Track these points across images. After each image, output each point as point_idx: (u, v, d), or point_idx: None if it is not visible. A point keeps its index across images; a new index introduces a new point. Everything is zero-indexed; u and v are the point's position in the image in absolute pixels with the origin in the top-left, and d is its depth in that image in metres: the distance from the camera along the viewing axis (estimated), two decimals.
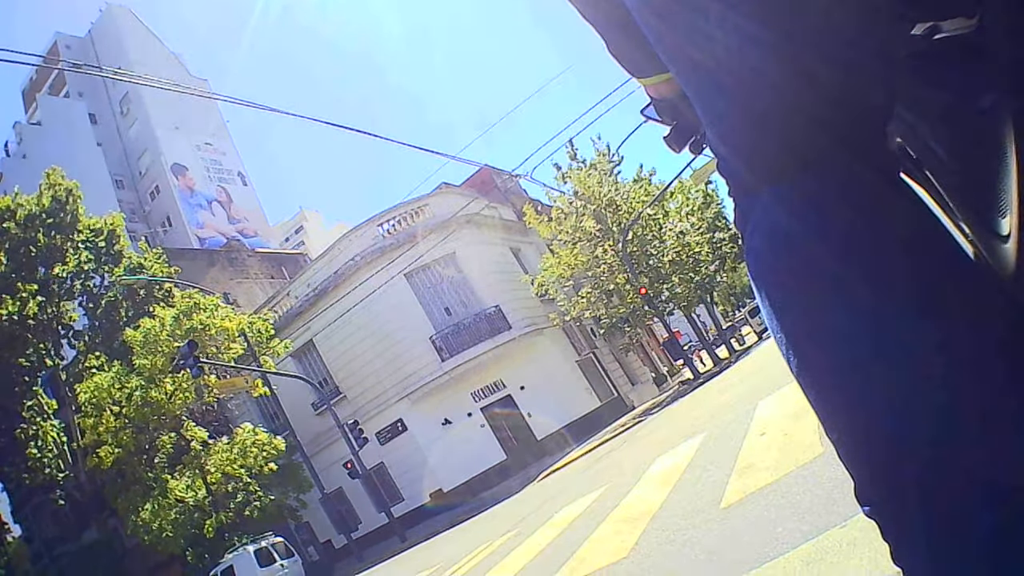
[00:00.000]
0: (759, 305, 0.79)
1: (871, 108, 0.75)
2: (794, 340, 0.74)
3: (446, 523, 19.69)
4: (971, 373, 0.65)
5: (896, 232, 0.71)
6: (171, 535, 21.77)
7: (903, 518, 0.69)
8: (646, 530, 4.54)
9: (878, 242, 0.70)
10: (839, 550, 2.50)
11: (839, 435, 0.73)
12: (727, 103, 0.76)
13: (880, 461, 0.69)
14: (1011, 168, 0.63)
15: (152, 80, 18.50)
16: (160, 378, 21.88)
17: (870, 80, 0.73)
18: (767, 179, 0.76)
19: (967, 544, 0.63)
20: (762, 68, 0.71)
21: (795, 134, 0.73)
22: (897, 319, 0.67)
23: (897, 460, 0.67)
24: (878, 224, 0.71)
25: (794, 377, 0.76)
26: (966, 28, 0.70)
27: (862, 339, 0.68)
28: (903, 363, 0.66)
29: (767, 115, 0.73)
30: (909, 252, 0.70)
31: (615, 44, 1.01)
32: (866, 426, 0.69)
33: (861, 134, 0.74)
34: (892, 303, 0.67)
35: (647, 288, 24.06)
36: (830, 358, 0.71)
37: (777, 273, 0.75)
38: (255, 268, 43.86)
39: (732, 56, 0.72)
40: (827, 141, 0.73)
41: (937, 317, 0.67)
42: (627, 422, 20.96)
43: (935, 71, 0.78)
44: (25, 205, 27.05)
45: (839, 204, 0.72)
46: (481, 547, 9.33)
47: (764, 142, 0.75)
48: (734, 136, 0.78)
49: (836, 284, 0.70)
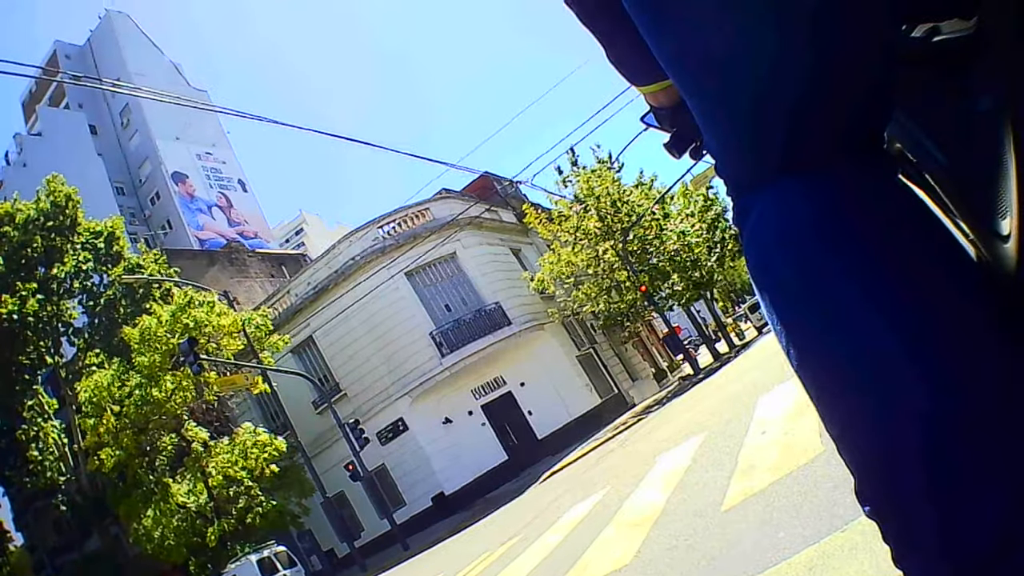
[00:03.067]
0: (759, 301, 0.79)
1: (869, 109, 0.75)
2: (794, 336, 0.74)
3: (449, 529, 19.64)
4: (972, 372, 0.65)
5: (895, 231, 0.71)
6: (173, 543, 21.72)
7: (905, 519, 0.68)
8: (648, 535, 4.53)
9: (877, 241, 0.70)
10: (841, 555, 2.50)
11: (840, 432, 0.73)
12: (723, 104, 0.76)
13: (881, 459, 0.69)
14: (1011, 168, 0.63)
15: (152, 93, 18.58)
16: (160, 376, 21.82)
17: (868, 81, 0.73)
18: (765, 179, 0.76)
19: (970, 546, 0.63)
20: (759, 70, 0.71)
21: (792, 135, 0.73)
22: (897, 317, 0.67)
23: (898, 459, 0.67)
24: (877, 223, 0.71)
25: (794, 373, 0.76)
26: (966, 29, 0.70)
27: (862, 336, 0.68)
28: (903, 360, 0.66)
29: (765, 117, 0.73)
30: (908, 251, 0.70)
31: (615, 52, 1.01)
32: (867, 423, 0.69)
33: (859, 135, 0.75)
34: (892, 301, 0.67)
35: (647, 286, 24.14)
36: (830, 355, 0.71)
37: (776, 270, 0.75)
38: (255, 267, 43.90)
39: (729, 58, 0.72)
40: (825, 142, 0.74)
41: (937, 316, 0.67)
42: (628, 420, 20.94)
43: (935, 72, 0.78)
44: (24, 210, 27.33)
45: (837, 204, 0.73)
46: (484, 554, 9.30)
47: (761, 143, 0.76)
48: (730, 137, 0.78)
49: (835, 282, 0.70)
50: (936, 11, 0.75)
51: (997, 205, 0.69)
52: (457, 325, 26.30)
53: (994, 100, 0.65)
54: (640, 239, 26.10)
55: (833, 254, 0.70)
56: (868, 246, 0.70)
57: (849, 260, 0.70)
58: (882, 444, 0.68)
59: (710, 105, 0.78)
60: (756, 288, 0.79)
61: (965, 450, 0.63)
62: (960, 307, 0.68)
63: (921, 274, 0.69)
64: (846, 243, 0.70)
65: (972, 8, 0.67)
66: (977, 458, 0.63)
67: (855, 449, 0.72)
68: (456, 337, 26.07)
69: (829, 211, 0.72)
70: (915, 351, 0.65)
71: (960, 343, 0.66)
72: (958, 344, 0.66)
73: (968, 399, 0.64)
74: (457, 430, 25.70)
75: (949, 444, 0.63)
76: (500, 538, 10.03)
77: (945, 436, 0.64)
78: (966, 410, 0.64)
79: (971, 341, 0.66)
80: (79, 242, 28.17)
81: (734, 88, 0.73)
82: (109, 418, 21.91)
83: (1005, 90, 0.63)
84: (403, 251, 26.11)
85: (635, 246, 25.77)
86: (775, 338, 0.79)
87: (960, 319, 0.67)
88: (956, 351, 0.65)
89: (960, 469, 0.63)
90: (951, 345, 0.65)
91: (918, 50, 0.78)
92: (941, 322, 0.66)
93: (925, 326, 0.66)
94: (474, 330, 26.34)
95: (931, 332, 0.66)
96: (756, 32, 0.69)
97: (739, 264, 34.59)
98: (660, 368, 39.08)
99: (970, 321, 0.67)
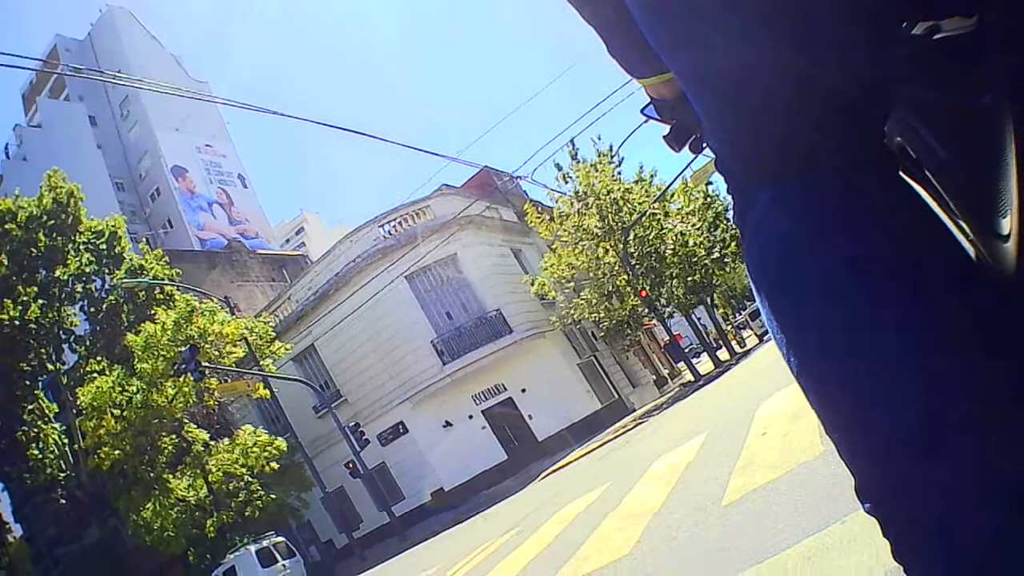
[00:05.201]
0: (759, 305, 0.78)
1: (869, 108, 0.75)
2: (794, 340, 0.73)
3: (447, 522, 19.67)
4: (972, 372, 0.65)
5: (895, 232, 0.71)
6: (172, 535, 21.77)
7: (903, 515, 0.68)
8: (648, 527, 4.54)
9: (877, 242, 0.70)
10: (839, 546, 2.51)
11: (840, 434, 0.73)
12: (724, 102, 0.76)
13: (881, 459, 0.69)
14: (1011, 167, 0.63)
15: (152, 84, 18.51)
16: (161, 382, 21.86)
17: (868, 80, 0.73)
18: (765, 178, 0.76)
19: (968, 542, 0.63)
20: (759, 67, 0.71)
21: (793, 134, 0.73)
22: (897, 319, 0.67)
23: (897, 458, 0.67)
24: (876, 224, 0.71)
25: (794, 377, 0.75)
26: (966, 28, 0.70)
27: (862, 338, 0.68)
28: (903, 362, 0.66)
29: (764, 114, 0.73)
30: (909, 252, 0.70)
31: (615, 45, 1.01)
32: (866, 424, 0.69)
33: (859, 134, 0.75)
34: (892, 303, 0.67)
35: (647, 291, 24.09)
36: (830, 358, 0.71)
37: (776, 273, 0.75)
38: (256, 270, 43.91)
39: (730, 55, 0.72)
40: (825, 141, 0.73)
41: (937, 316, 0.67)
42: (628, 423, 20.96)
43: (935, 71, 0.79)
44: (26, 207, 26.96)
45: (837, 204, 0.72)
46: (483, 545, 9.32)
47: (761, 141, 0.76)
48: (732, 135, 0.79)
49: (835, 284, 0.70)
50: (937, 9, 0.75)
51: (997, 204, 0.69)
52: (458, 333, 26.28)
53: (995, 98, 0.66)
54: (640, 239, 26.05)
55: (832, 255, 0.70)
56: (868, 247, 0.70)
57: (849, 262, 0.69)
58: (882, 445, 0.68)
59: (711, 100, 0.78)
60: (755, 290, 0.78)
61: (965, 450, 0.63)
62: (961, 308, 0.67)
63: (922, 276, 0.68)
64: (846, 244, 0.70)
65: (973, 6, 0.68)
66: (977, 457, 0.63)
67: (855, 450, 0.72)
68: (457, 345, 26.04)
69: (830, 212, 0.72)
70: (915, 353, 0.65)
71: (960, 344, 0.65)
72: (958, 345, 0.65)
73: (968, 399, 0.64)
74: (457, 432, 25.72)
75: (949, 444, 0.63)
76: (499, 530, 10.05)
77: (945, 436, 0.64)
78: (966, 410, 0.64)
79: (971, 342, 0.66)
80: (81, 242, 27.81)
81: (736, 85, 0.73)
82: (109, 420, 21.93)
83: (1006, 88, 0.64)
84: (404, 252, 26.03)
85: (635, 246, 25.72)
86: (776, 346, 0.78)
87: (960, 320, 0.66)
88: (956, 352, 0.65)
89: (960, 468, 0.63)
90: (951, 346, 0.65)
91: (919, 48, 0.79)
92: (941, 323, 0.66)
93: (925, 328, 0.66)
94: (475, 338, 26.31)
95: (931, 334, 0.66)
96: (757, 30, 0.69)
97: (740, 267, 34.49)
98: (661, 375, 38.98)
99: (970, 322, 0.67)
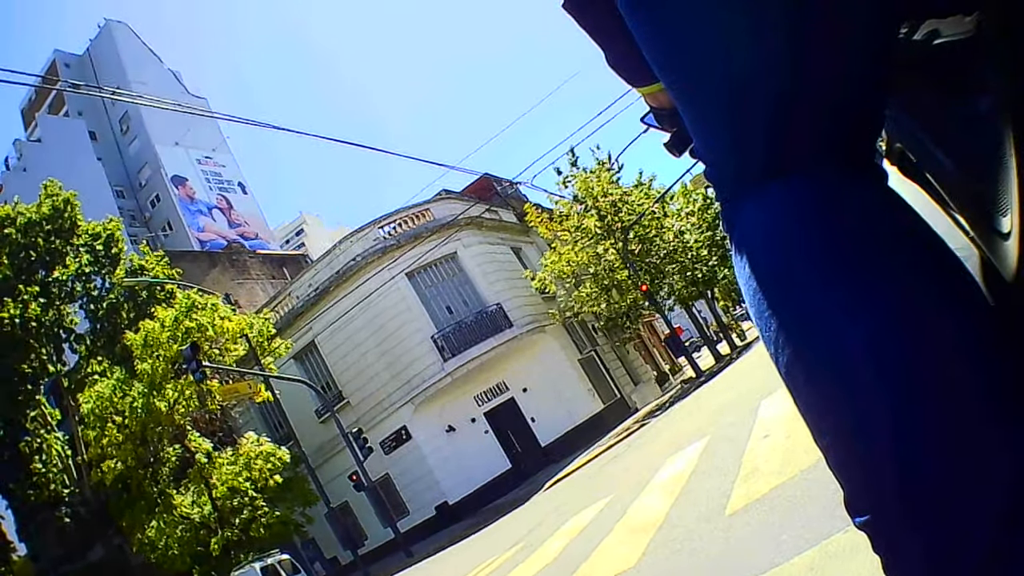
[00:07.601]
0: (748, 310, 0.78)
1: (856, 115, 0.74)
2: (779, 346, 0.73)
3: (452, 537, 19.60)
4: (969, 376, 0.63)
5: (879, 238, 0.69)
6: (177, 553, 21.65)
7: (895, 530, 0.67)
8: (652, 540, 4.52)
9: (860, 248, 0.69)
10: (842, 555, 2.50)
11: (829, 441, 0.72)
12: (709, 109, 0.76)
13: (871, 470, 0.67)
14: (1011, 167, 0.63)
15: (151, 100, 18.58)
16: (162, 384, 21.74)
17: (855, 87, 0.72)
18: (750, 183, 0.76)
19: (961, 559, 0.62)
20: (743, 75, 0.70)
21: (777, 140, 0.73)
22: (880, 325, 0.65)
23: (886, 470, 0.65)
24: (861, 230, 0.70)
25: (782, 380, 0.74)
26: (966, 29, 0.70)
27: (853, 343, 0.66)
28: (896, 367, 0.64)
29: (748, 122, 0.73)
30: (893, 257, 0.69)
31: (613, 54, 1.01)
32: (857, 433, 0.67)
33: (846, 140, 0.74)
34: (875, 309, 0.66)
35: (647, 285, 24.17)
36: (819, 362, 0.69)
37: (764, 277, 0.74)
38: (256, 269, 43.94)
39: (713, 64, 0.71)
40: (811, 147, 0.73)
41: (934, 318, 0.66)
42: (631, 426, 20.90)
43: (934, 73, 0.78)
44: (25, 213, 27.62)
45: (821, 209, 0.72)
46: (488, 560, 9.29)
47: (746, 147, 0.75)
48: (717, 142, 0.78)
49: (816, 289, 0.69)
50: (936, 9, 0.75)
51: (997, 203, 0.69)
52: (459, 328, 26.27)
53: (994, 100, 0.66)
54: (640, 238, 26.16)
55: (815, 261, 0.69)
56: (851, 254, 0.69)
57: (831, 268, 0.68)
58: (869, 456, 0.66)
59: (697, 110, 0.78)
60: (745, 295, 0.77)
61: (954, 460, 0.62)
62: (946, 313, 0.66)
63: (905, 281, 0.67)
64: (828, 250, 0.69)
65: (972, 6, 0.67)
66: (966, 468, 0.62)
67: (842, 461, 0.71)
68: (458, 340, 26.03)
69: (812, 217, 0.71)
70: (900, 360, 0.64)
71: (946, 350, 0.64)
72: (944, 351, 0.64)
73: (965, 404, 0.62)
74: (460, 438, 25.64)
75: (937, 454, 0.62)
76: (504, 545, 10.01)
77: (932, 446, 0.62)
78: (963, 416, 0.62)
79: (958, 347, 0.64)
80: (78, 243, 28.37)
81: (720, 93, 0.73)
82: (111, 429, 21.86)
83: (1005, 90, 0.63)
84: (404, 251, 26.16)
85: (635, 245, 25.83)
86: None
87: (946, 325, 0.65)
88: (942, 358, 0.64)
89: (948, 480, 0.62)
90: (937, 353, 0.64)
91: (919, 52, 0.78)
92: (926, 330, 0.65)
93: (909, 334, 0.65)
94: (476, 333, 26.30)
95: (916, 340, 0.64)
96: (741, 38, 0.68)
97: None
98: (662, 371, 38.95)
99: (957, 327, 0.65)
